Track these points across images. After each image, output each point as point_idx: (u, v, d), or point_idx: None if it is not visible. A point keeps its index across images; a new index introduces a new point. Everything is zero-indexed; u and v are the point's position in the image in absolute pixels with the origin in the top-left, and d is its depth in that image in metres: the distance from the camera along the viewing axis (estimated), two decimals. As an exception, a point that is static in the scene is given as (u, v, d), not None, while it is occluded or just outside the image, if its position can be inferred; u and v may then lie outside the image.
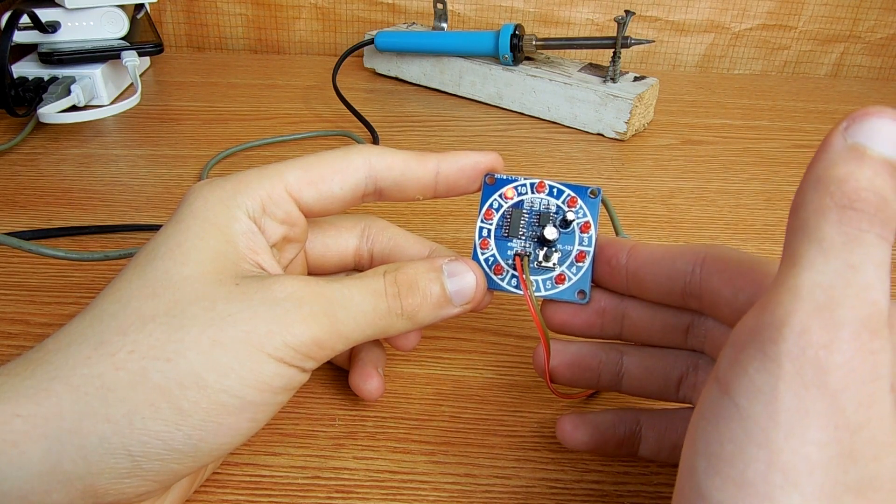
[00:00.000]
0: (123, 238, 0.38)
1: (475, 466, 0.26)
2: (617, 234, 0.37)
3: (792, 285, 0.16)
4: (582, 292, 0.25)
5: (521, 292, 0.25)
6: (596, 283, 0.25)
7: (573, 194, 0.26)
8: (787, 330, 0.15)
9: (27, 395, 0.18)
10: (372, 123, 0.52)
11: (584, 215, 0.25)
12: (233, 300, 0.20)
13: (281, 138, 0.50)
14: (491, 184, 0.26)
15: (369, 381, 0.26)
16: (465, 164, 0.25)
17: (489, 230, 0.26)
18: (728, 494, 0.15)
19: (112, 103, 0.54)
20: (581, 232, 0.25)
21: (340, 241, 0.27)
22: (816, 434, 0.15)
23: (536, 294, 0.25)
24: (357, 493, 0.25)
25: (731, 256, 0.22)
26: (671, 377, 0.24)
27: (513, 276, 0.25)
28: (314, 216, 0.24)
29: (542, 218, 0.25)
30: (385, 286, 0.23)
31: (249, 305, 0.20)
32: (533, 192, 0.26)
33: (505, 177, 0.26)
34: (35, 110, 0.49)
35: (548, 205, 0.26)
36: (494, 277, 0.25)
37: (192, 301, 0.20)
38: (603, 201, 0.40)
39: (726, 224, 0.42)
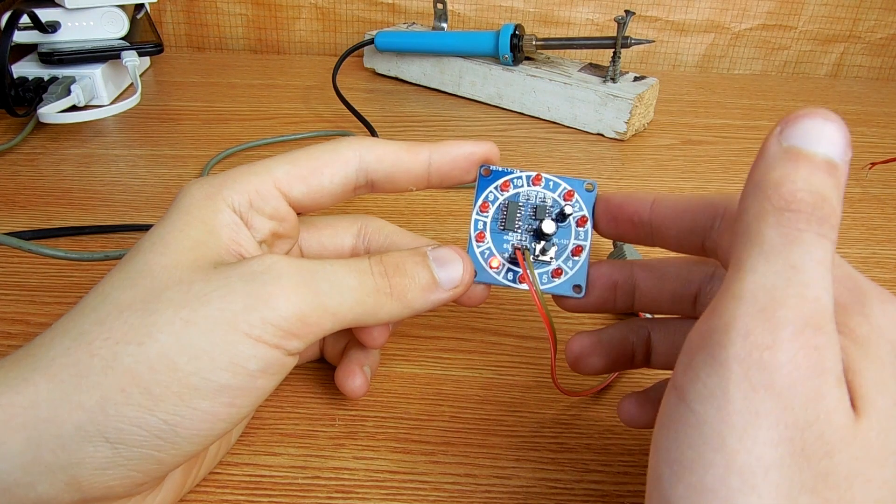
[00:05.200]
0: (123, 238, 0.38)
1: (475, 466, 0.26)
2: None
3: (737, 290, 0.16)
4: (578, 286, 0.25)
5: (518, 286, 0.25)
6: (620, 240, 0.25)
7: (570, 188, 0.25)
8: (733, 333, 0.16)
9: (9, 386, 0.18)
10: (372, 123, 0.52)
11: (581, 209, 0.25)
12: (210, 281, 0.20)
13: (281, 138, 0.50)
14: (486, 176, 0.26)
15: (351, 379, 0.26)
16: (458, 154, 0.25)
17: (485, 223, 0.26)
18: (692, 502, 0.16)
19: (112, 103, 0.54)
20: (577, 226, 0.25)
21: (336, 241, 0.27)
22: (767, 434, 0.15)
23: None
24: (357, 493, 0.25)
25: None
26: None
27: (508, 269, 0.25)
28: (304, 211, 0.24)
29: (538, 211, 0.25)
30: (370, 265, 0.22)
31: (226, 283, 0.20)
32: (529, 185, 0.26)
33: (501, 169, 0.26)
34: (35, 110, 0.49)
35: (544, 198, 0.25)
36: (490, 271, 0.25)
37: (169, 286, 0.20)
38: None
39: (726, 224, 0.42)
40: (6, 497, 0.18)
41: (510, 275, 0.25)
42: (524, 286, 0.25)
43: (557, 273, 0.25)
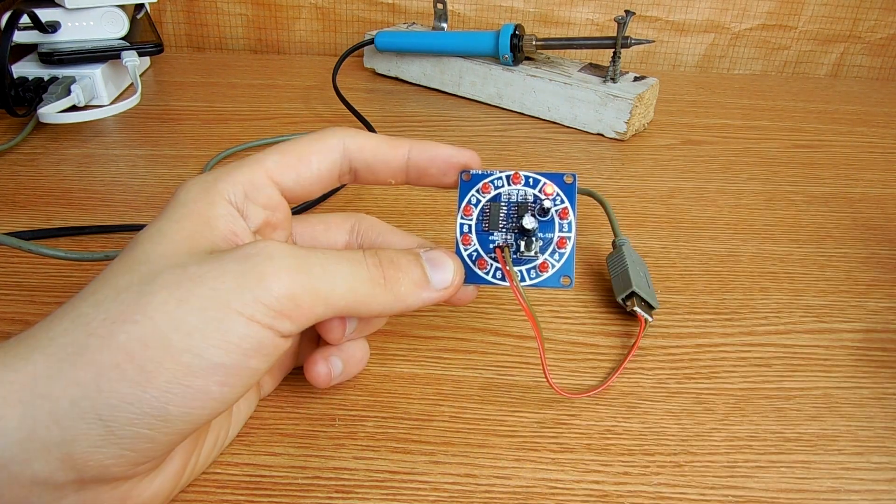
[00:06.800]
0: (123, 238, 0.38)
1: (475, 466, 0.26)
2: (615, 234, 0.37)
3: None
4: (567, 277, 0.25)
5: (507, 284, 0.25)
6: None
7: (549, 182, 0.26)
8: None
9: (7, 365, 0.19)
10: (372, 123, 0.52)
11: (562, 202, 0.26)
12: (203, 263, 0.20)
13: (281, 138, 0.50)
14: (467, 180, 0.26)
15: (314, 368, 0.26)
16: (437, 154, 0.26)
17: (470, 225, 0.26)
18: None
19: (112, 103, 0.54)
20: (560, 218, 0.26)
21: (330, 236, 0.28)
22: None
23: (521, 284, 0.25)
24: (357, 493, 0.25)
25: None
26: None
27: (497, 268, 0.25)
28: (295, 199, 0.25)
29: (520, 209, 0.26)
30: (364, 256, 0.23)
31: (220, 264, 0.20)
32: (509, 184, 0.26)
33: (481, 172, 0.26)
34: (35, 110, 0.49)
35: (525, 195, 0.26)
36: (479, 272, 0.25)
37: (165, 269, 0.20)
38: (600, 201, 0.40)
39: (726, 224, 0.42)
40: (3, 473, 0.18)
41: (499, 273, 0.25)
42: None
43: (544, 267, 0.25)
